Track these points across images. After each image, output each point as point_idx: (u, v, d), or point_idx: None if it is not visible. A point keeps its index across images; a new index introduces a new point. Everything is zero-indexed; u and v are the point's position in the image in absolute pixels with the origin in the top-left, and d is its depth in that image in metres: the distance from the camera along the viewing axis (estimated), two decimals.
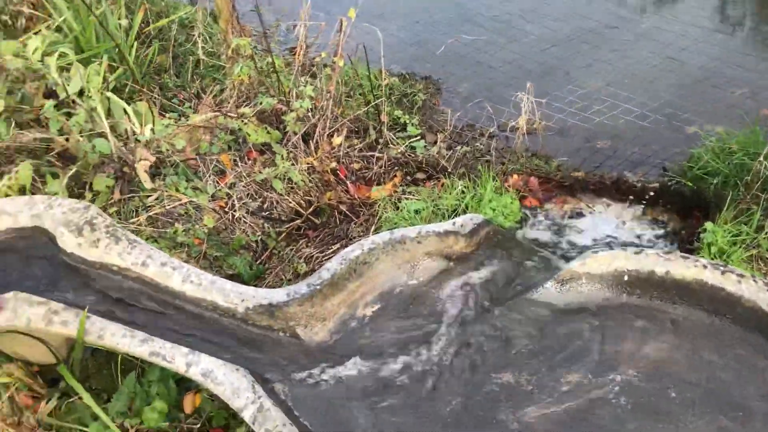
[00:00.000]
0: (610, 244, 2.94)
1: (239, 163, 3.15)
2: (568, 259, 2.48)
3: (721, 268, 2.11)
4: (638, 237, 3.01)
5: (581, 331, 2.18)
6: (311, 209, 3.08)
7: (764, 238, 2.64)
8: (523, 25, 4.85)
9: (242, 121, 3.19)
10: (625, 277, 2.21)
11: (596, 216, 3.14)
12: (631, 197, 3.19)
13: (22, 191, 2.76)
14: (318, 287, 2.22)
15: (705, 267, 2.12)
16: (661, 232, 3.04)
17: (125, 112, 3.15)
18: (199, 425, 2.26)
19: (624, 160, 3.40)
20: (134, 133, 3.01)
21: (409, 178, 3.37)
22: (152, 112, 3.07)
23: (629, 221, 3.12)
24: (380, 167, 3.34)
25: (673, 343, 2.11)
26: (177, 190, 2.94)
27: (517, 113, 3.48)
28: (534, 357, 2.13)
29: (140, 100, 3.27)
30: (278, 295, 2.20)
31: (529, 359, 2.13)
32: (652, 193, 3.13)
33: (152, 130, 2.99)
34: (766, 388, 1.97)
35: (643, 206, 3.14)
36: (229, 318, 2.17)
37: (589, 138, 3.61)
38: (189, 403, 2.33)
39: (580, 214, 3.16)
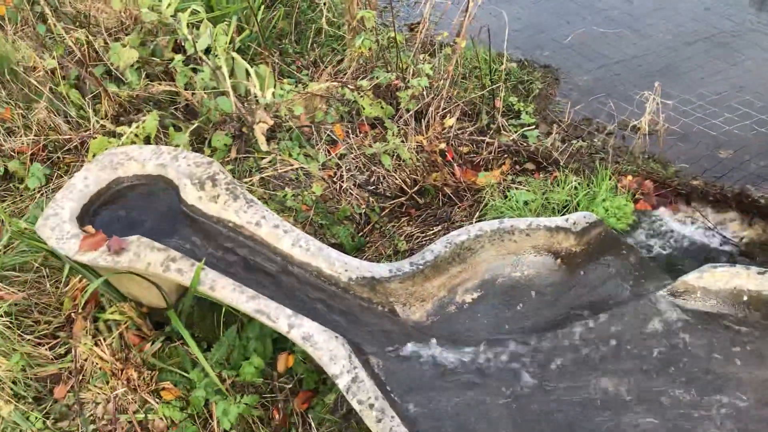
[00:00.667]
0: (724, 260, 2.79)
1: (351, 135, 3.18)
2: (679, 272, 2.37)
3: None
4: (758, 257, 2.83)
5: (690, 346, 2.08)
6: (416, 188, 3.08)
7: None
8: (657, 22, 4.61)
9: (358, 93, 3.21)
10: (744, 297, 2.09)
11: (714, 227, 2.97)
12: (754, 212, 2.99)
13: (147, 140, 2.91)
14: (421, 267, 2.23)
15: None
16: None
17: (247, 73, 3.24)
18: (290, 385, 2.33)
19: (749, 173, 3.19)
20: (255, 95, 3.09)
21: (518, 167, 3.30)
22: (273, 76, 3.14)
23: (747, 238, 2.94)
24: (489, 153, 3.29)
25: None
26: (290, 155, 3.00)
27: (640, 112, 3.33)
28: (637, 367, 2.06)
29: (263, 63, 3.36)
30: (381, 269, 2.22)
31: (632, 369, 2.06)
32: None
33: (273, 94, 3.06)
34: None
35: (765, 223, 2.95)
36: (332, 286, 2.21)
37: (712, 146, 3.41)
38: (282, 362, 2.40)
39: (694, 224, 3.01)
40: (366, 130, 3.26)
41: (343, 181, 2.96)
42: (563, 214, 2.58)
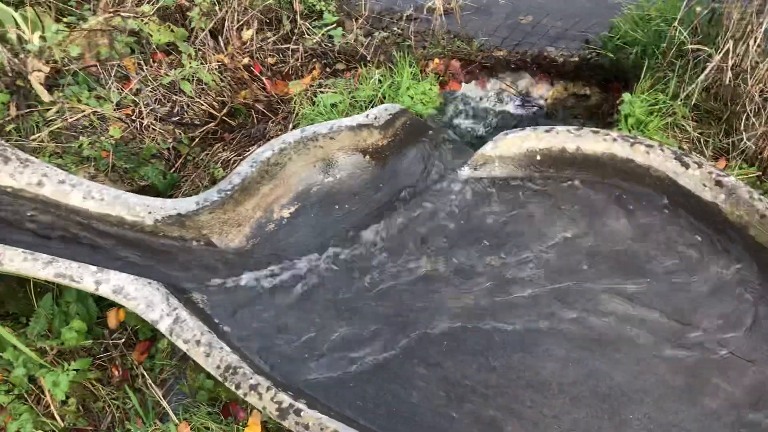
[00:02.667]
0: (530, 124, 2.92)
1: (144, 67, 2.96)
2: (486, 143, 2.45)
3: (630, 140, 2.11)
4: (560, 114, 2.99)
5: (496, 214, 2.19)
6: (225, 110, 2.95)
7: (680, 105, 2.65)
8: None
9: (142, 20, 2.97)
10: (538, 157, 2.20)
11: (519, 94, 3.09)
12: (552, 73, 3.13)
13: None
14: (229, 193, 2.16)
15: (615, 140, 2.12)
16: (582, 106, 3.02)
17: (14, 19, 2.90)
18: (124, 339, 2.25)
19: (545, 35, 3.30)
20: (23, 42, 2.79)
21: (329, 70, 3.24)
22: (39, 19, 2.83)
23: (551, 98, 3.09)
24: (297, 60, 3.19)
25: (585, 218, 2.13)
26: (79, 100, 2.76)
27: None
28: (451, 244, 2.14)
29: (36, 3, 3.01)
30: (187, 204, 2.14)
31: (447, 247, 2.14)
32: (573, 68, 3.07)
33: (42, 37, 2.76)
34: (671, 252, 2.03)
35: (564, 82, 3.10)
36: (139, 232, 2.11)
37: (510, 14, 3.48)
38: (113, 318, 2.30)
39: (501, 95, 3.11)
40: (160, 58, 3.04)
41: (143, 118, 2.78)
42: None
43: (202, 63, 3.00)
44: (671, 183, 2.05)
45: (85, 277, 1.92)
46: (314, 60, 3.24)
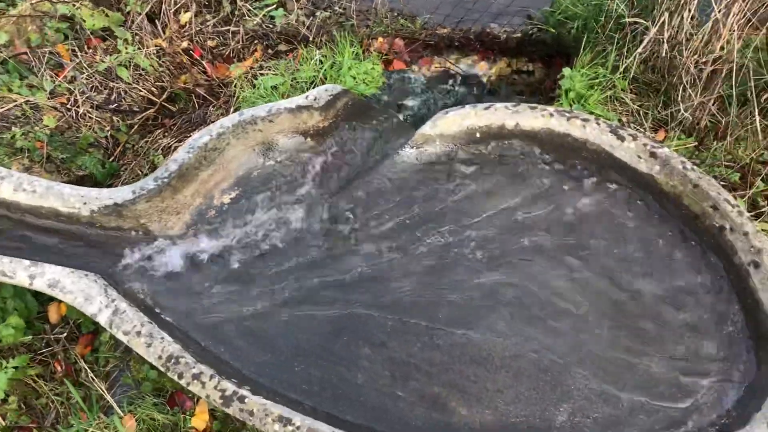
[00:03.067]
0: (474, 102, 2.92)
1: (78, 54, 2.87)
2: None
3: (567, 114, 2.13)
4: (503, 90, 3.00)
5: (438, 193, 2.19)
6: (165, 96, 2.89)
7: (619, 78, 2.68)
8: None
9: (74, 5, 2.88)
10: (477, 134, 2.21)
11: (463, 73, 3.09)
12: (495, 49, 3.14)
13: None
14: (166, 180, 2.12)
15: (551, 115, 2.13)
16: (526, 82, 3.04)
17: None
18: (66, 333, 2.20)
19: (487, 12, 3.30)
20: None
21: (270, 51, 3.18)
22: None
23: (494, 75, 3.09)
24: (238, 42, 3.14)
25: (525, 194, 2.15)
26: (10, 90, 2.67)
27: None
28: (394, 224, 2.14)
29: None
30: (123, 193, 2.09)
31: (390, 227, 2.14)
32: (515, 44, 3.08)
33: None
34: (609, 224, 2.06)
35: (508, 58, 3.11)
36: (75, 223, 2.06)
37: None
38: (54, 312, 2.26)
39: (447, 73, 3.11)
40: (95, 44, 2.96)
41: (78, 106, 2.70)
42: None
43: (139, 48, 2.92)
44: (608, 156, 2.08)
45: (18, 271, 1.87)
46: (256, 42, 3.19)
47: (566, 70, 2.69)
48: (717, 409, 1.72)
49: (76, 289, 1.88)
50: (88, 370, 2.04)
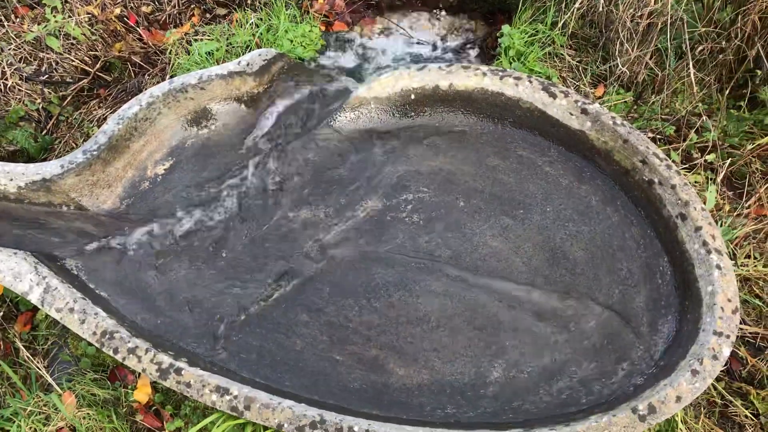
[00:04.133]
0: (414, 62, 2.90)
1: (5, 23, 2.76)
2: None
3: (500, 73, 2.12)
4: (445, 50, 2.97)
5: (374, 156, 2.18)
6: (99, 65, 2.80)
7: (557, 34, 2.67)
8: None
9: None
10: (412, 96, 2.19)
11: (407, 33, 3.05)
12: (438, 8, 3.10)
13: None
14: (95, 153, 2.07)
15: (485, 74, 2.12)
16: (468, 41, 3.01)
17: None
18: (2, 312, 2.17)
19: None
20: None
21: (208, 16, 3.10)
22: None
23: (436, 35, 3.06)
24: (174, 7, 3.05)
25: (460, 155, 2.15)
26: None
27: None
28: (331, 189, 2.13)
29: None
30: (51, 167, 2.04)
31: (327, 192, 2.13)
32: (457, 1, 3.05)
33: None
34: (543, 182, 2.08)
35: (450, 16, 3.07)
36: (2, 200, 2.01)
37: None
38: None
39: (388, 34, 3.06)
40: (23, 13, 2.84)
41: (6, 79, 2.61)
42: None
43: (69, 16, 2.82)
44: (540, 114, 2.08)
45: None
46: (193, 6, 3.10)
47: (506, 28, 2.68)
48: (645, 360, 1.76)
49: (4, 267, 1.84)
50: (24, 350, 2.02)
